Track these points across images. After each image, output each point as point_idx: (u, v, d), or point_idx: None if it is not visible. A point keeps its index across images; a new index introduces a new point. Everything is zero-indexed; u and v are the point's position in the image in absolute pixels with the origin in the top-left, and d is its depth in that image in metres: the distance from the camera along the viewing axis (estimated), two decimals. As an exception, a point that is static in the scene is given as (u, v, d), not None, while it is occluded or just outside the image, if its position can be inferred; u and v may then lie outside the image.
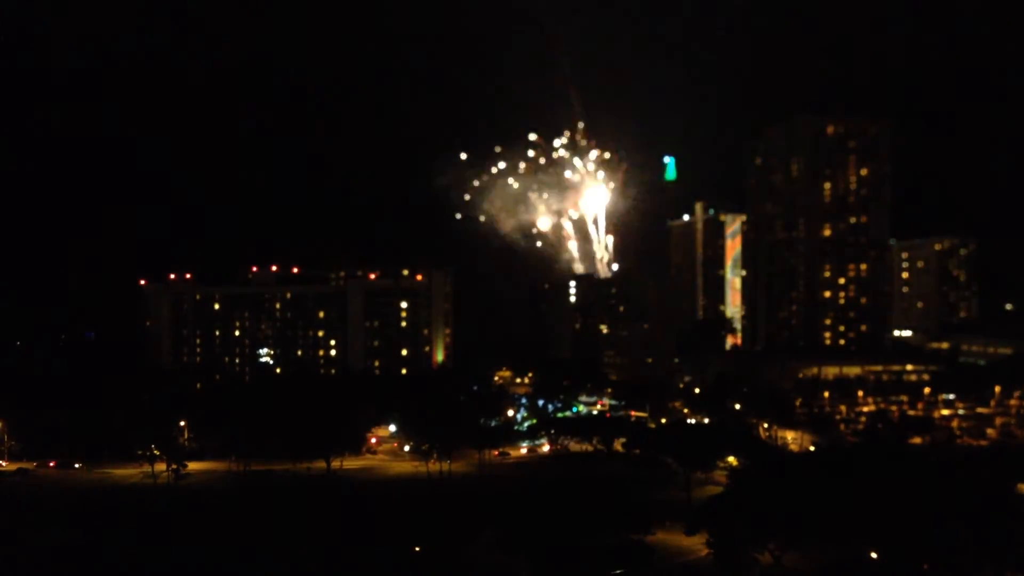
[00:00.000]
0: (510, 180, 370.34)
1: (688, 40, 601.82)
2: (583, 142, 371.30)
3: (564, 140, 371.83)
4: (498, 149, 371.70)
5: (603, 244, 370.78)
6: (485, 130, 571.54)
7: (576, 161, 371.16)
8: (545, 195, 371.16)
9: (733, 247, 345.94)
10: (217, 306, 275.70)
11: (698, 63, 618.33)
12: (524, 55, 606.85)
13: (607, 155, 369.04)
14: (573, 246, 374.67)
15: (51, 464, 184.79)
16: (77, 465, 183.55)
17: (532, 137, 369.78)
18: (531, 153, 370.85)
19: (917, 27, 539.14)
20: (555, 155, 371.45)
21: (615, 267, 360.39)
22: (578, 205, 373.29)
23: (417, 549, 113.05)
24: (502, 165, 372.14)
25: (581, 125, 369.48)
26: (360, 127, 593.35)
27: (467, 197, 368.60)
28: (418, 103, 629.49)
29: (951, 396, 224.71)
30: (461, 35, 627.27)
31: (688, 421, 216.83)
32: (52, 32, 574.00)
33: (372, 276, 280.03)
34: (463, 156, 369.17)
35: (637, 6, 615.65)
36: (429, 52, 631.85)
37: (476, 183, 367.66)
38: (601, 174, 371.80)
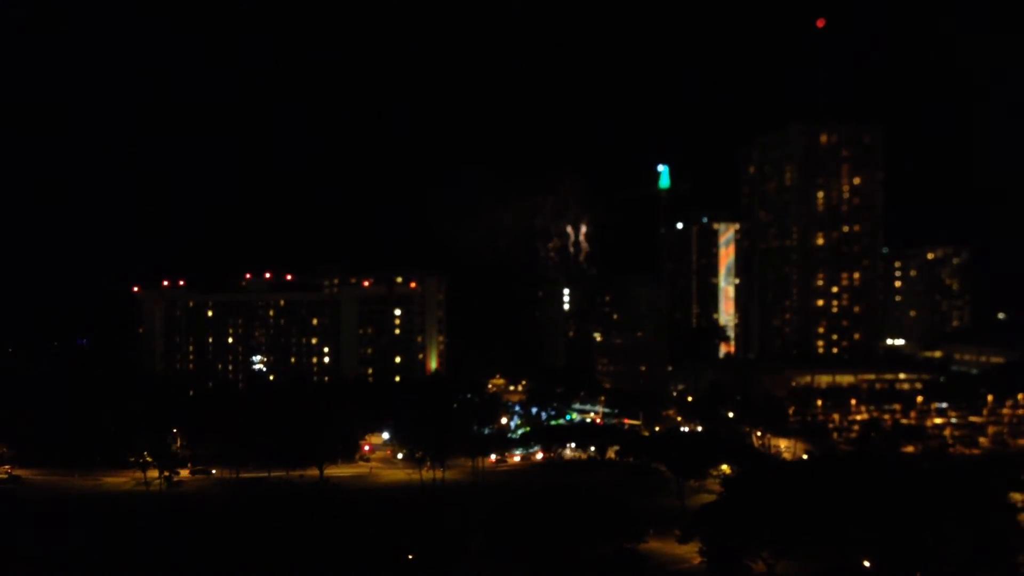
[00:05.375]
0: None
1: (680, 47, 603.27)
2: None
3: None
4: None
5: (583, 251, 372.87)
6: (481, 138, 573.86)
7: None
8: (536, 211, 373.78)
9: (727, 255, 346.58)
10: (210, 313, 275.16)
11: (692, 70, 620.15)
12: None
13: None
14: (563, 253, 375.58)
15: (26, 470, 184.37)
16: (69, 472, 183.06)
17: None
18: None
19: (913, 33, 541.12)
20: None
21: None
22: (568, 218, 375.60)
23: (410, 557, 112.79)
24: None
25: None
26: (358, 132, 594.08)
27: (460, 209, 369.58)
28: (416, 109, 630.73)
29: (944, 405, 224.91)
30: (457, 45, 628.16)
31: (681, 429, 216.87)
32: (47, 36, 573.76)
33: (366, 283, 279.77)
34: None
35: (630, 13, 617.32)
36: (426, 58, 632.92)
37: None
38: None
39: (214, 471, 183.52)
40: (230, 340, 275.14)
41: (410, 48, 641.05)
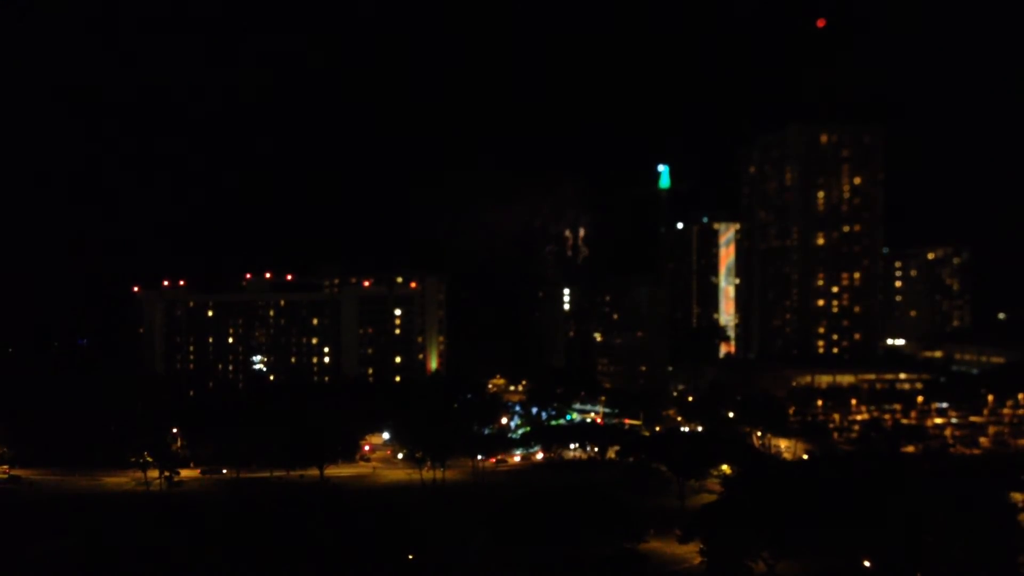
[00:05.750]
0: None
1: (681, 47, 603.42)
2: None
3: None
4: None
5: (582, 252, 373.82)
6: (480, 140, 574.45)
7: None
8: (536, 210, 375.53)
9: (727, 255, 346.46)
10: (211, 313, 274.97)
11: (692, 70, 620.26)
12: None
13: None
14: (563, 254, 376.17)
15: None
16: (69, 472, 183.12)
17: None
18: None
19: (914, 35, 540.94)
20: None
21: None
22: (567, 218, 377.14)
23: (410, 557, 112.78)
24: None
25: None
26: (358, 132, 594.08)
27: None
28: (417, 110, 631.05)
29: (944, 405, 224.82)
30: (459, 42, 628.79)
31: (682, 429, 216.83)
32: (47, 34, 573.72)
33: (366, 284, 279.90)
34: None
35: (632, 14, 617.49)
36: (426, 58, 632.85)
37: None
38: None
39: (224, 471, 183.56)
40: (230, 340, 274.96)
41: (411, 48, 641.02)
